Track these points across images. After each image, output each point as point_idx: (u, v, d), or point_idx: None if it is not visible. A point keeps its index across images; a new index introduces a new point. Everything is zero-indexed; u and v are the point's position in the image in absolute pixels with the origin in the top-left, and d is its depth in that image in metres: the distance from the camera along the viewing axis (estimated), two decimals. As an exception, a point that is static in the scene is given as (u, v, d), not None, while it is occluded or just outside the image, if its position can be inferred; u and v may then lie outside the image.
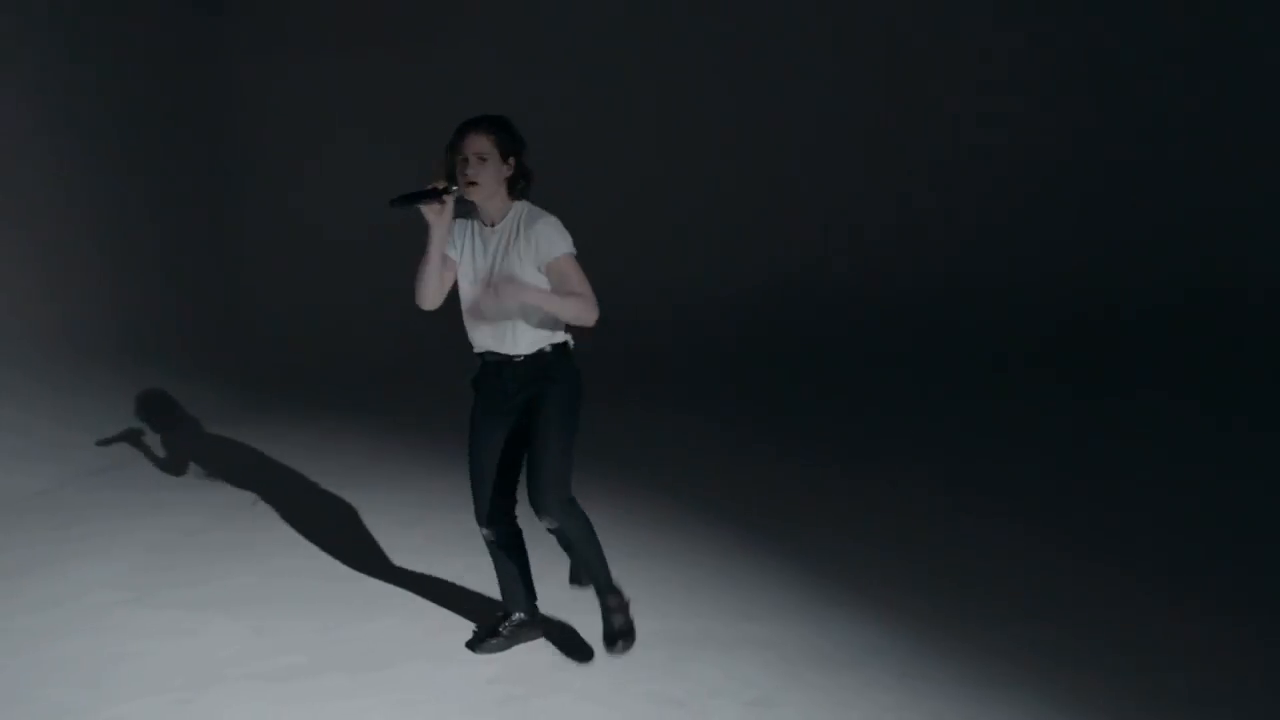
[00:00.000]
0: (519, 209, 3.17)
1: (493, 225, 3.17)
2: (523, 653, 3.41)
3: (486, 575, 3.99)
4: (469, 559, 4.23)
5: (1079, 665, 3.27)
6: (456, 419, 6.71)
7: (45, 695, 3.16)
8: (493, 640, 3.41)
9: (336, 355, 8.79)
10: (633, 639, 3.20)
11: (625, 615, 3.21)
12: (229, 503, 5.12)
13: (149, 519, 4.88)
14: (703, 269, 9.25)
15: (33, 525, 4.82)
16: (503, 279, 3.05)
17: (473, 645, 3.43)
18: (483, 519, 3.33)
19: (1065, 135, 9.25)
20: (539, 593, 3.49)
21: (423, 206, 3.06)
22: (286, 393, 7.86)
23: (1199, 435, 6.20)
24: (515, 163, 3.14)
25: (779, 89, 9.68)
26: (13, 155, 6.97)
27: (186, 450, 6.09)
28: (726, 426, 6.67)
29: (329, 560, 4.33)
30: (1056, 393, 7.33)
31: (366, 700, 3.12)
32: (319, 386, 8.05)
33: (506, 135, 3.12)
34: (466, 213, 3.21)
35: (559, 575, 3.44)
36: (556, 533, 3.14)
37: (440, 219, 3.07)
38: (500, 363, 3.19)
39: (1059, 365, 7.95)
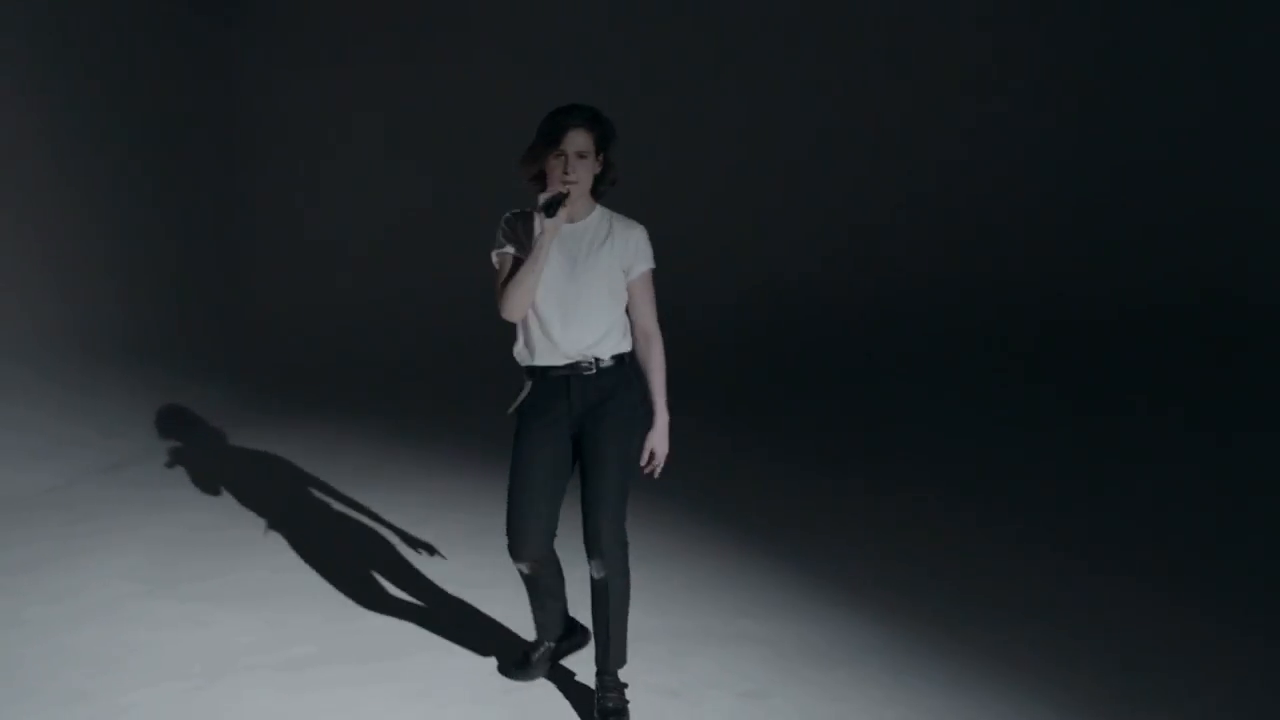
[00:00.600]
0: (603, 212, 2.97)
1: (571, 222, 2.90)
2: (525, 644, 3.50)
3: (490, 571, 4.13)
4: (473, 557, 4.36)
5: (1072, 665, 3.37)
6: (458, 421, 6.94)
7: (63, 682, 3.26)
8: (528, 669, 3.22)
9: (343, 357, 8.91)
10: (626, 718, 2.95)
11: (621, 696, 2.97)
12: (237, 500, 5.23)
13: (159, 515, 4.99)
14: (702, 271, 9.34)
15: (46, 520, 4.93)
16: (659, 449, 2.92)
17: (506, 671, 3.28)
18: (525, 552, 2.95)
19: (1066, 137, 9.35)
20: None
21: (550, 221, 2.81)
22: (293, 393, 7.97)
23: (1197, 438, 6.32)
24: (605, 157, 2.93)
25: (778, 91, 9.81)
26: (26, 159, 7.09)
27: (194, 449, 6.20)
28: (725, 429, 6.77)
29: (336, 556, 4.43)
30: (1055, 394, 7.47)
31: (374, 689, 3.22)
32: (325, 388, 8.17)
33: (603, 129, 2.89)
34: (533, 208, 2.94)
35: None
36: (599, 581, 2.88)
37: (559, 224, 2.82)
38: (568, 377, 2.90)
39: (1058, 367, 8.07)
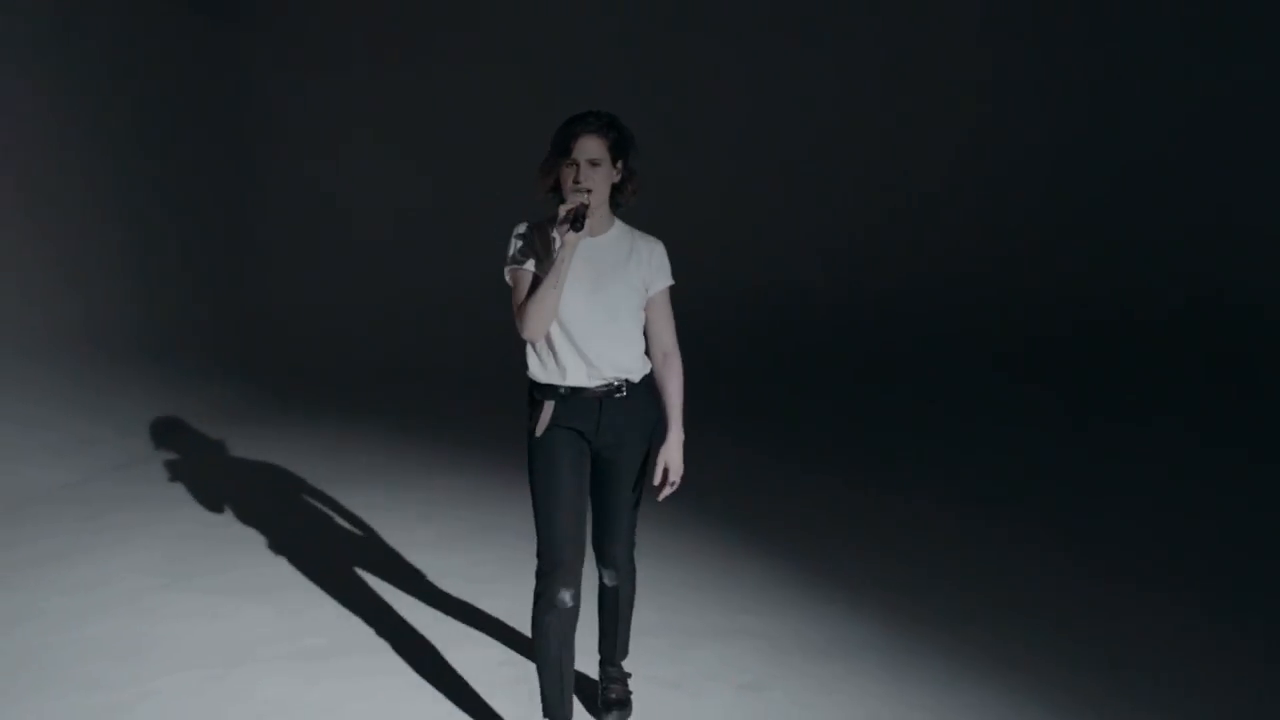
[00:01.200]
0: (623, 228, 2.85)
1: (591, 236, 2.77)
2: (529, 633, 3.61)
3: (491, 568, 4.27)
4: (476, 554, 4.48)
5: (1067, 663, 3.46)
6: (461, 420, 7.06)
7: (85, 671, 3.39)
8: None
9: (350, 356, 9.04)
10: (629, 709, 3.06)
11: (624, 687, 3.09)
12: (248, 497, 5.36)
13: (175, 511, 5.11)
14: (702, 272, 9.46)
15: (65, 515, 5.05)
16: (674, 467, 2.81)
17: None
18: (571, 576, 2.75)
19: (1067, 140, 9.45)
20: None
21: (572, 234, 2.63)
22: (302, 392, 8.09)
23: (1195, 440, 6.42)
24: (623, 166, 2.77)
25: (778, 94, 9.92)
26: (39, 161, 7.22)
27: (206, 447, 6.32)
28: (725, 430, 6.87)
29: (346, 552, 4.55)
30: (1055, 396, 7.57)
31: (385, 679, 3.34)
32: (333, 387, 8.29)
33: (619, 136, 2.73)
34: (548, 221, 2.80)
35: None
36: (611, 588, 2.98)
37: (577, 241, 2.64)
38: (600, 399, 2.77)
39: (1058, 368, 8.17)
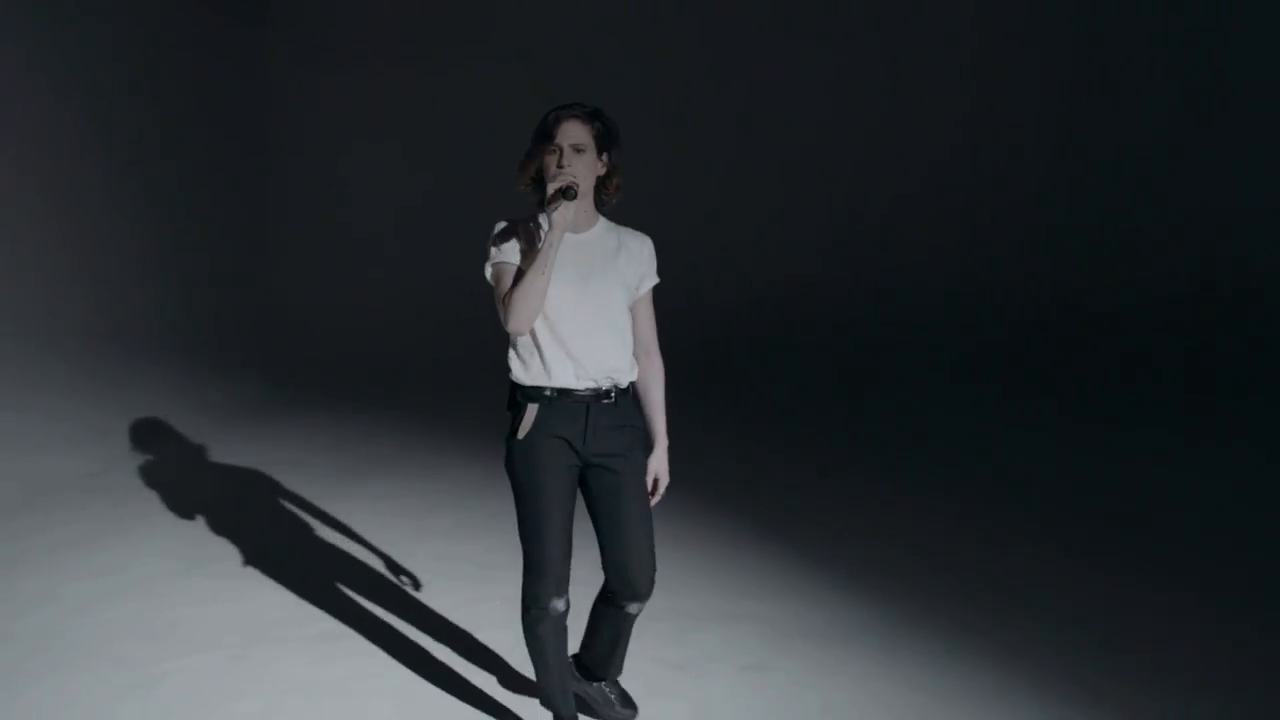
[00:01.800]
0: (608, 224, 2.74)
1: (575, 232, 2.66)
2: None
3: (504, 555, 4.35)
4: (488, 541, 4.60)
5: (1058, 645, 3.56)
6: (475, 414, 7.17)
7: (110, 650, 3.51)
8: None
9: (367, 351, 9.17)
10: (634, 710, 3.06)
11: (620, 688, 3.09)
12: (264, 487, 5.49)
13: (192, 500, 5.24)
14: (700, 270, 9.55)
15: (86, 503, 5.19)
16: (662, 475, 2.77)
17: None
18: (562, 588, 2.70)
19: (1066, 139, 9.54)
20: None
21: (562, 204, 2.51)
22: (315, 387, 8.23)
23: (1188, 430, 6.50)
24: (608, 160, 2.67)
25: (777, 94, 10.03)
26: (60, 160, 7.38)
27: (223, 438, 6.46)
28: (727, 425, 6.99)
29: (360, 539, 4.67)
30: (1053, 391, 7.66)
31: (399, 659, 3.45)
32: (349, 381, 8.43)
33: (604, 126, 2.65)
34: (528, 213, 2.73)
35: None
36: (633, 618, 2.84)
37: (565, 222, 2.53)
38: (587, 404, 2.64)
39: (1057, 364, 8.25)
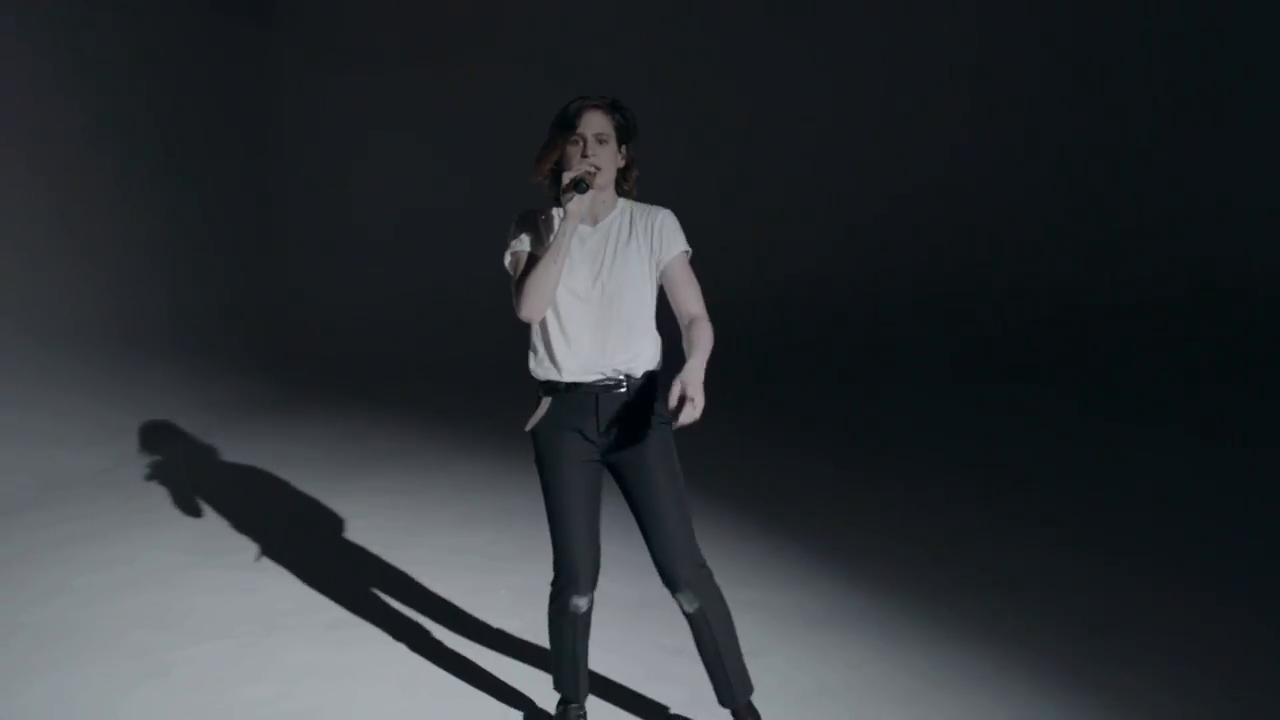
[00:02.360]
0: (625, 206, 2.70)
1: (594, 223, 2.66)
2: (545, 604, 3.76)
3: (509, 547, 4.45)
4: (492, 534, 4.68)
5: (1049, 630, 3.62)
6: (480, 410, 7.26)
7: (129, 637, 3.60)
8: None
9: (376, 348, 9.28)
10: None
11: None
12: (274, 482, 5.58)
13: (203, 494, 5.33)
14: (700, 273, 9.63)
15: (100, 498, 5.29)
16: (690, 384, 2.36)
17: None
18: (587, 585, 2.71)
19: (1068, 138, 9.58)
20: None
21: (577, 195, 2.52)
22: (325, 383, 8.33)
23: (1187, 426, 6.57)
24: (627, 151, 2.68)
25: (777, 94, 10.10)
26: (71, 159, 7.48)
27: (234, 434, 6.55)
28: (731, 419, 7.01)
29: (370, 532, 4.76)
30: (1052, 386, 7.73)
31: (407, 646, 3.53)
32: (357, 378, 8.52)
33: (624, 118, 2.65)
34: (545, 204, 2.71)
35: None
36: (695, 615, 2.67)
37: (580, 212, 2.54)
38: (596, 395, 2.62)
39: (1055, 361, 8.31)
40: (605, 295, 2.61)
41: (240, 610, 3.85)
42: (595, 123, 2.58)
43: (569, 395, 2.63)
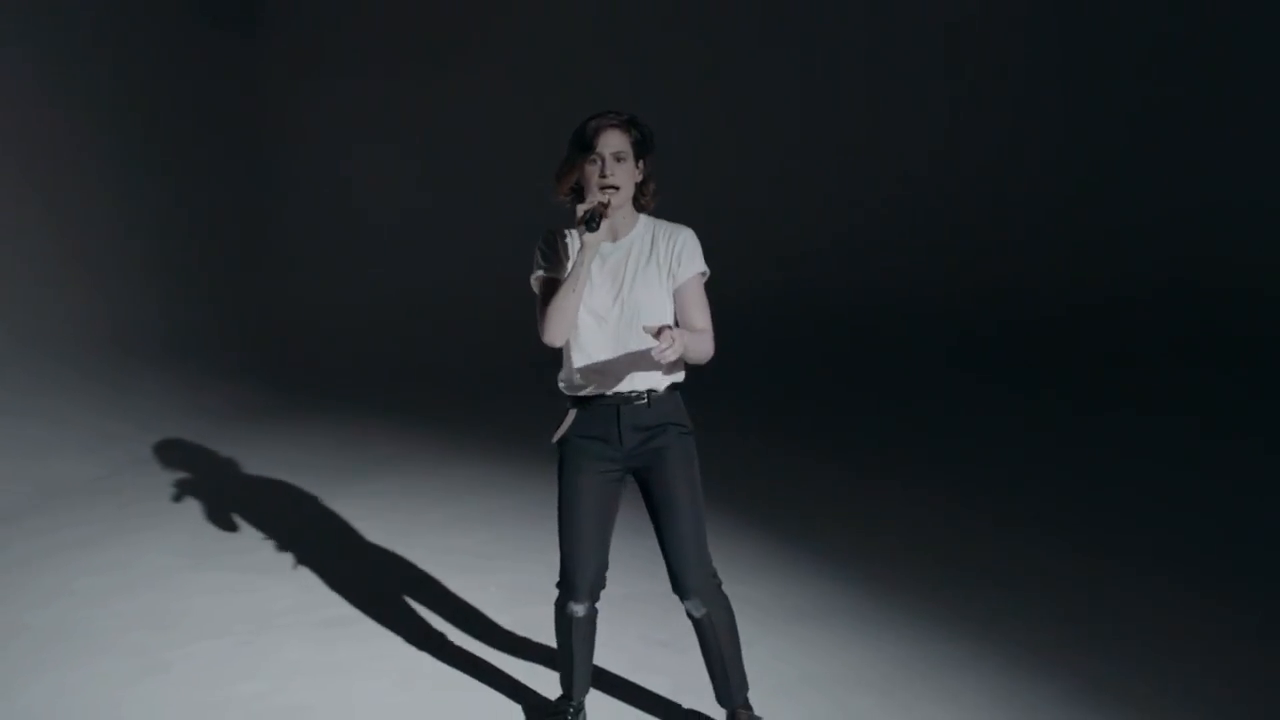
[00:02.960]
0: (648, 224, 2.73)
1: (614, 240, 2.69)
2: (536, 601, 3.78)
3: (500, 546, 4.54)
4: (485, 534, 4.76)
5: (1024, 621, 3.70)
6: (475, 414, 7.34)
7: (125, 638, 3.69)
8: None
9: (368, 354, 9.35)
10: None
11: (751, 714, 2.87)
12: (270, 486, 5.66)
13: (199, 500, 5.40)
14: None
15: (97, 504, 5.37)
16: (677, 332, 2.43)
17: None
18: (584, 593, 2.80)
19: (1067, 137, 9.66)
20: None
21: (599, 223, 2.56)
22: (320, 388, 8.41)
23: (1182, 426, 6.62)
24: (644, 166, 2.69)
25: (777, 95, 10.20)
26: (64, 168, 7.56)
27: (228, 441, 6.62)
28: (725, 420, 7.10)
29: (361, 534, 4.85)
30: (1050, 387, 7.80)
31: (399, 644, 3.62)
32: (350, 383, 8.60)
33: (640, 133, 2.65)
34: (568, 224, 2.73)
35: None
36: (701, 620, 2.76)
37: (598, 238, 2.58)
38: (617, 406, 2.68)
39: (1050, 359, 8.38)
40: (625, 315, 2.64)
41: (237, 610, 3.93)
42: (613, 141, 2.60)
43: (591, 406, 2.70)
